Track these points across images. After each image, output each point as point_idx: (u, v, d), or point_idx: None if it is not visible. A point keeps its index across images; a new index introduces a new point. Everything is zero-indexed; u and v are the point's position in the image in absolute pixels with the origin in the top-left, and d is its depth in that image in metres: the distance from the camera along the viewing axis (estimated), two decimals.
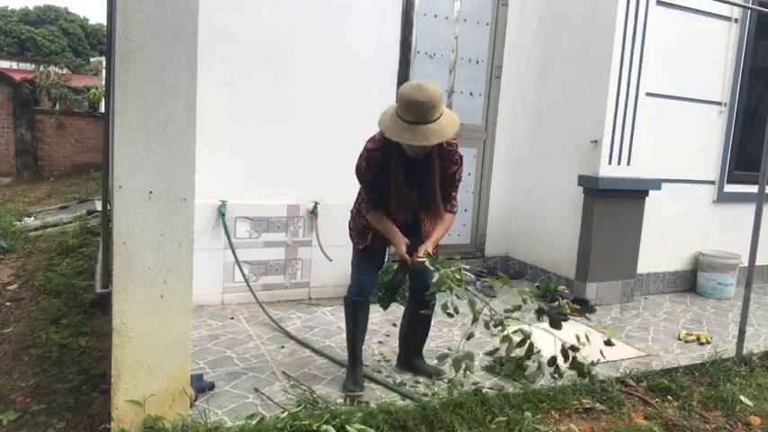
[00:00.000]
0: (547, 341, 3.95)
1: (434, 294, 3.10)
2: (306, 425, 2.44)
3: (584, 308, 3.10)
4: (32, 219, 7.53)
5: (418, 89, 2.60)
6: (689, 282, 5.63)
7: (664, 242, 5.34)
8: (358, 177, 2.92)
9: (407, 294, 3.30)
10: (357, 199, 3.13)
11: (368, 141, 2.88)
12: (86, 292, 4.33)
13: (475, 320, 2.77)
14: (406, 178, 2.83)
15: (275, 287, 4.49)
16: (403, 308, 4.33)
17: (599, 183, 4.69)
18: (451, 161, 2.86)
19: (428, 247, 2.85)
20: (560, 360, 2.94)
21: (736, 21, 5.38)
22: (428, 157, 2.80)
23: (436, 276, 2.69)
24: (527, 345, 2.90)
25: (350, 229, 3.21)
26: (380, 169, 2.80)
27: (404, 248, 2.84)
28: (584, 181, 4.82)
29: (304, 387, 2.98)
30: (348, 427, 2.46)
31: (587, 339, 3.01)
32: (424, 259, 2.79)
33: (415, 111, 2.58)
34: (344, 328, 3.20)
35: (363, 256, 3.11)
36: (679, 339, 4.14)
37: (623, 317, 4.65)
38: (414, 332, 3.26)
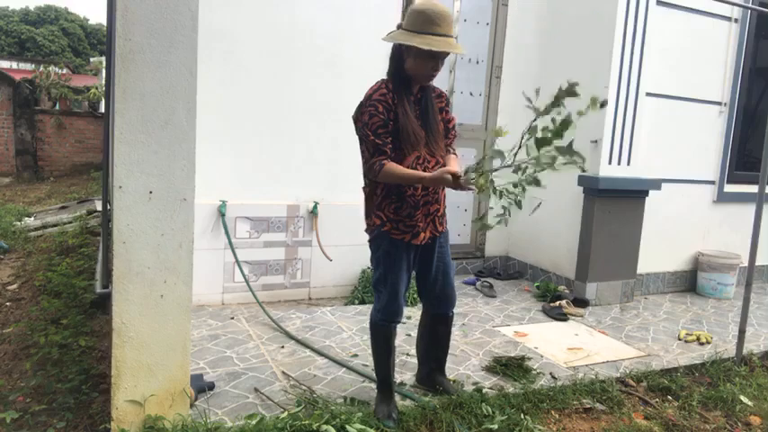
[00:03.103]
0: (547, 341, 3.95)
1: (452, 305, 2.95)
2: (306, 425, 2.44)
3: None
4: (32, 219, 7.53)
5: (437, 4, 2.52)
6: (689, 282, 5.63)
7: (664, 242, 5.34)
8: (363, 128, 2.60)
9: (422, 308, 3.03)
10: (367, 184, 2.76)
11: (368, 92, 2.65)
12: (86, 292, 4.33)
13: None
14: (417, 117, 2.67)
15: (275, 287, 4.49)
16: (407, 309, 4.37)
17: (599, 183, 4.69)
18: (447, 101, 2.82)
19: (453, 168, 2.57)
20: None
21: (736, 21, 5.38)
22: (426, 97, 2.72)
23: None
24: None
25: (380, 221, 2.72)
26: (389, 112, 2.57)
27: (448, 176, 2.50)
28: (584, 181, 4.82)
29: (304, 387, 2.97)
30: (348, 427, 2.46)
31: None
32: (475, 175, 2.50)
33: (445, 23, 2.50)
34: (371, 353, 2.88)
35: (399, 267, 2.70)
36: (679, 339, 4.14)
37: (623, 317, 4.65)
38: (436, 349, 3.01)
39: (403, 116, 2.61)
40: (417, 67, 2.60)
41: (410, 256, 2.75)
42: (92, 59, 25.70)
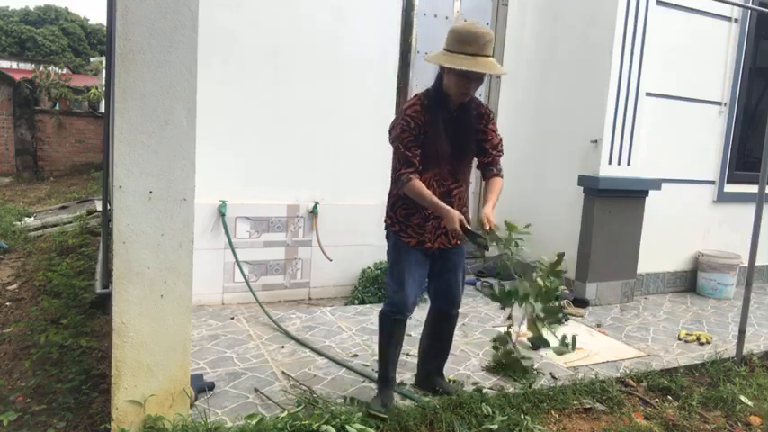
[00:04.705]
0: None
1: (456, 304, 2.97)
2: (306, 425, 2.44)
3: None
4: (32, 219, 7.53)
5: (474, 25, 2.60)
6: (689, 282, 5.63)
7: (664, 242, 5.34)
8: (395, 141, 2.67)
9: (429, 305, 3.05)
10: (392, 189, 2.85)
11: (405, 106, 2.72)
12: (86, 292, 4.33)
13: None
14: (446, 136, 2.71)
15: (275, 287, 4.49)
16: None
17: (599, 183, 4.69)
18: (489, 120, 2.81)
19: (488, 211, 2.69)
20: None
21: (736, 21, 5.38)
22: (463, 115, 2.75)
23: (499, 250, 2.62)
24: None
25: (390, 221, 2.84)
26: (420, 128, 2.64)
27: (457, 223, 2.59)
28: (584, 181, 4.82)
29: (304, 387, 2.97)
30: (348, 427, 2.46)
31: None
32: (486, 239, 2.64)
33: (477, 43, 2.55)
34: (377, 347, 2.91)
35: (408, 262, 2.78)
36: (679, 339, 4.14)
37: (623, 317, 4.65)
38: (435, 348, 3.03)
39: (432, 132, 2.67)
40: (450, 85, 2.65)
41: (418, 253, 2.79)
42: (92, 59, 25.67)
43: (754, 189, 4.15)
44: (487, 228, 2.67)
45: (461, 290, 2.97)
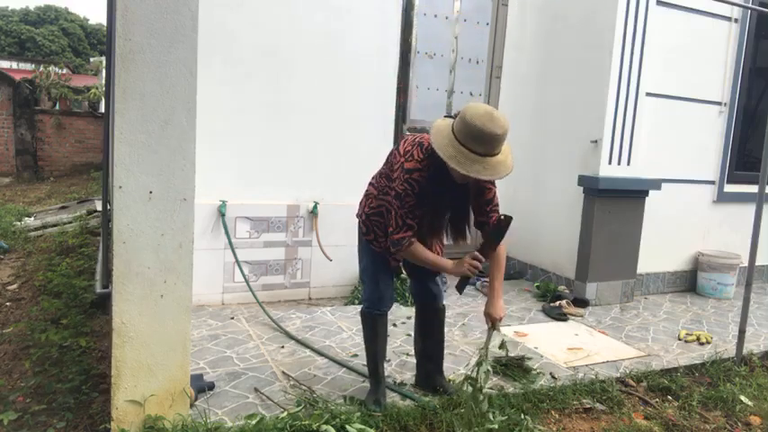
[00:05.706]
0: (547, 341, 3.96)
1: (437, 298, 3.01)
2: (306, 425, 2.44)
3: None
4: (32, 219, 7.53)
5: (491, 120, 2.33)
6: (689, 282, 5.63)
7: (664, 242, 5.34)
8: (396, 199, 2.58)
9: (413, 302, 3.11)
10: (367, 201, 2.85)
11: (405, 160, 2.56)
12: (86, 292, 4.33)
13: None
14: (444, 203, 2.65)
15: (275, 287, 4.49)
16: (403, 308, 4.38)
17: (599, 183, 4.69)
18: (491, 183, 2.69)
19: (499, 312, 2.74)
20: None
21: (736, 21, 5.38)
22: (466, 188, 2.64)
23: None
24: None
25: (365, 229, 2.86)
26: (422, 190, 2.55)
27: (465, 266, 2.58)
28: (584, 181, 4.82)
29: (304, 387, 2.98)
30: (348, 427, 2.46)
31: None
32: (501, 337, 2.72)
33: (489, 144, 2.34)
34: (363, 342, 2.98)
35: (379, 261, 2.84)
36: (679, 339, 4.14)
37: (623, 317, 4.65)
38: (429, 346, 3.06)
39: (435, 198, 2.60)
40: (452, 171, 2.50)
41: (387, 254, 2.83)
42: (92, 59, 25.68)
43: (754, 189, 4.15)
44: (489, 325, 2.78)
45: (441, 286, 3.03)
